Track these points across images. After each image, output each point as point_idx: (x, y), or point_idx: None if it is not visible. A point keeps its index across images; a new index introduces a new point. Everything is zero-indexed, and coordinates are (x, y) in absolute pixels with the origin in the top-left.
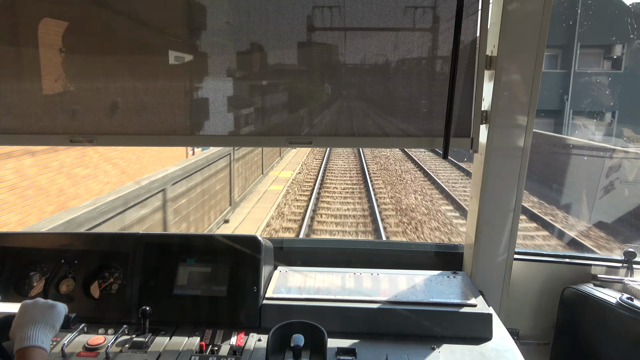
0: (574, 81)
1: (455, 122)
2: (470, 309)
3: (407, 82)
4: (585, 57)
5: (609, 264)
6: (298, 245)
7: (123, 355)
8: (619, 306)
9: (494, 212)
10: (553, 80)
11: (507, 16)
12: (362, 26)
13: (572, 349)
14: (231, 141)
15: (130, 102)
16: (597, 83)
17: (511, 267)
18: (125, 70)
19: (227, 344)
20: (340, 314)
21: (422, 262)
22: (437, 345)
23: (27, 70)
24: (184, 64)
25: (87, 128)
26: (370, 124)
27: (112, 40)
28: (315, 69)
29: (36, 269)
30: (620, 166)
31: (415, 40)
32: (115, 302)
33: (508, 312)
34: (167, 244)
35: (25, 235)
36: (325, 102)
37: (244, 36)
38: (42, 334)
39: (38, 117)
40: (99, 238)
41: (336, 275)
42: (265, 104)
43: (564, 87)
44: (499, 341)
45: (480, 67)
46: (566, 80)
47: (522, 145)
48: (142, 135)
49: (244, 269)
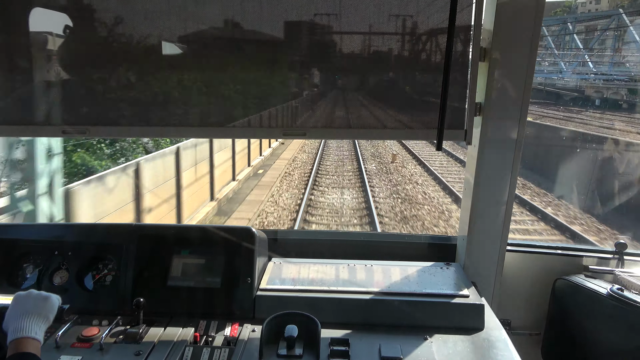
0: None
1: (449, 114)
2: (462, 300)
3: (402, 75)
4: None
5: (600, 255)
6: (292, 237)
7: (117, 346)
8: (609, 297)
9: (487, 204)
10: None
11: (501, 8)
12: (357, 18)
13: (563, 339)
14: (226, 132)
15: (122, 93)
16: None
17: (504, 259)
18: (117, 62)
19: (221, 334)
20: (334, 305)
21: (416, 254)
22: (429, 336)
23: (19, 62)
24: (177, 55)
25: (79, 120)
26: (364, 116)
27: (103, 31)
28: (310, 61)
29: (29, 260)
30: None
31: (410, 32)
32: (109, 293)
33: (500, 303)
34: (161, 236)
35: (18, 226)
36: (320, 94)
37: (238, 27)
38: (36, 326)
39: (30, 109)
40: (93, 229)
41: (330, 266)
42: (260, 96)
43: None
44: (491, 331)
45: (474, 60)
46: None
47: (515, 137)
48: (134, 127)
49: (238, 260)
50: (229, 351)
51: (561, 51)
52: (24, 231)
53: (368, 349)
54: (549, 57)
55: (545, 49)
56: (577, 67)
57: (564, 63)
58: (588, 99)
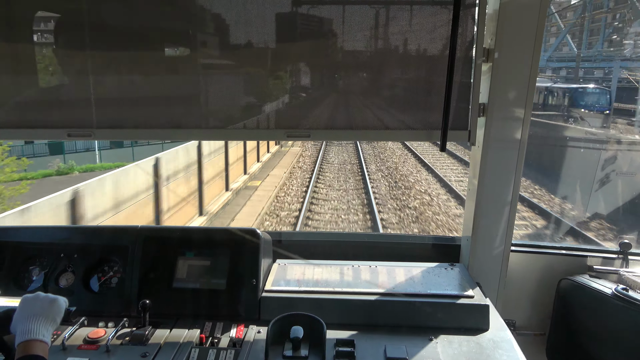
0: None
1: (452, 115)
2: (467, 300)
3: (405, 76)
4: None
5: (604, 255)
6: (297, 238)
7: (123, 348)
8: (614, 297)
9: (491, 204)
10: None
11: (504, 9)
12: (360, 19)
13: (568, 339)
14: (230, 134)
15: (127, 96)
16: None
17: (508, 259)
18: (122, 64)
19: (227, 336)
20: (339, 306)
21: (420, 254)
22: (434, 336)
23: (24, 65)
24: (181, 57)
25: (84, 122)
26: (367, 117)
27: (108, 34)
28: (313, 62)
29: (36, 263)
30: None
31: (413, 33)
32: (115, 295)
33: (505, 303)
34: (166, 238)
35: (24, 229)
36: (323, 96)
37: (241, 30)
38: (43, 328)
39: (35, 112)
40: (99, 231)
41: (335, 267)
42: (263, 98)
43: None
44: (496, 332)
45: (478, 60)
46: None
47: (519, 137)
48: (140, 129)
49: (243, 261)
50: (235, 352)
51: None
52: (30, 234)
53: (373, 349)
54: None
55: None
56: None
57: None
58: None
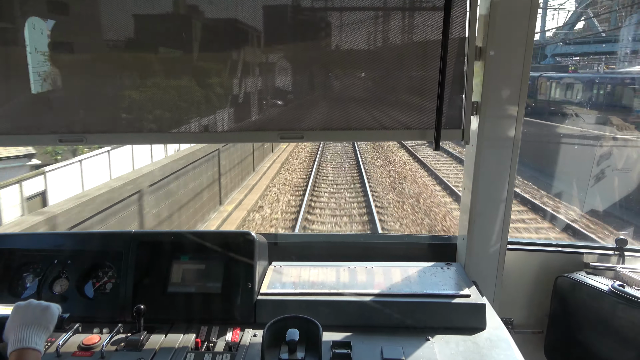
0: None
1: (446, 114)
2: (464, 300)
3: (398, 76)
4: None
5: (600, 252)
6: (292, 240)
7: (118, 354)
8: (611, 293)
9: (486, 203)
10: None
11: (496, 7)
12: (352, 18)
13: (565, 337)
14: (223, 137)
15: (119, 100)
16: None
17: (504, 257)
18: (113, 68)
19: (223, 340)
20: (335, 307)
21: (416, 254)
22: (431, 336)
23: (14, 71)
24: (173, 61)
25: (76, 127)
26: (362, 118)
27: (99, 38)
28: (306, 63)
29: (29, 269)
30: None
31: (405, 32)
32: (109, 301)
33: (502, 302)
34: (160, 242)
35: (17, 236)
36: (316, 97)
37: (233, 32)
38: (36, 336)
39: (26, 118)
40: (92, 237)
41: (330, 269)
42: (256, 99)
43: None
44: (493, 331)
45: (470, 59)
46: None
47: (512, 135)
48: (131, 134)
49: (238, 265)
50: (231, 356)
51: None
52: (23, 240)
53: (370, 351)
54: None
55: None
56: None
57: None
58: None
